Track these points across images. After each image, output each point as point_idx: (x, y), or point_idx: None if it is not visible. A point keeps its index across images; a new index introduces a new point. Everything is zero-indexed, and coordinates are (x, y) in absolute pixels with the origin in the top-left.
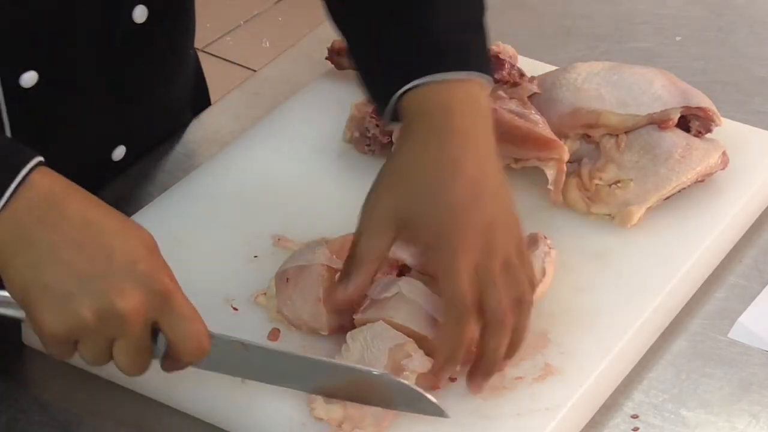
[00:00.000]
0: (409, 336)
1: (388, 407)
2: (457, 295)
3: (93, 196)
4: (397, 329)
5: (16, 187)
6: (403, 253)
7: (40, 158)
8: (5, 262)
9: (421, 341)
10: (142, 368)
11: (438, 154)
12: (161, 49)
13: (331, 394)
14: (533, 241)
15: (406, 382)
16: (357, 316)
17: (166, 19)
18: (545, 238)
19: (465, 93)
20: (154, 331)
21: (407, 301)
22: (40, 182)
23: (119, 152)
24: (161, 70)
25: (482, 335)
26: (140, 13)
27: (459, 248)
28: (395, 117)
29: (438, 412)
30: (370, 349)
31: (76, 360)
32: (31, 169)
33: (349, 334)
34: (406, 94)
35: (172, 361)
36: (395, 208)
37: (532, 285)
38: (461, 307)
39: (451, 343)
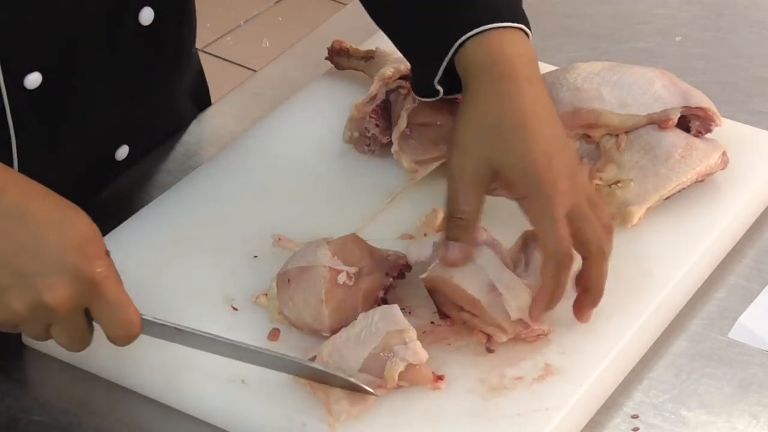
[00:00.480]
0: (461, 299)
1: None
2: (558, 242)
3: (32, 182)
4: (452, 290)
5: None
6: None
7: None
8: None
9: (473, 305)
10: (83, 346)
11: (517, 103)
12: (166, 50)
13: (273, 369)
14: (533, 238)
15: (320, 366)
16: (423, 276)
17: (172, 20)
18: None
19: (519, 42)
20: None
21: (474, 266)
22: None
23: (122, 152)
24: (165, 70)
25: (585, 267)
26: (147, 16)
27: (554, 195)
28: (443, 80)
29: (365, 390)
30: (370, 328)
31: (76, 359)
32: None
33: (362, 313)
34: (460, 51)
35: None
36: (486, 159)
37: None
38: (562, 253)
39: (552, 287)
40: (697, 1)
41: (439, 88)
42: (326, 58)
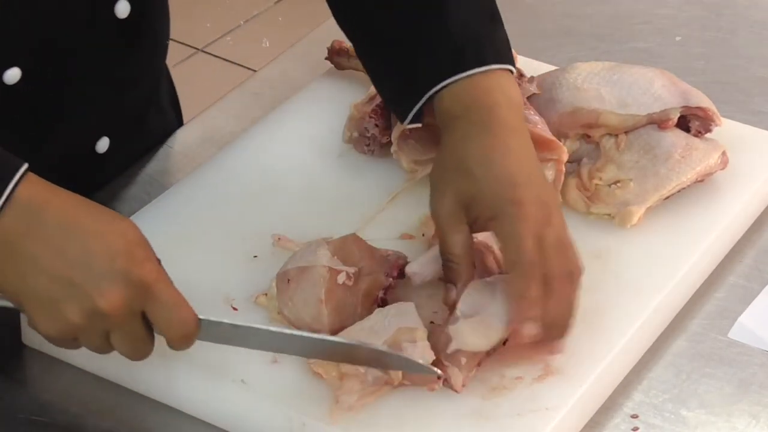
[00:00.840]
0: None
1: (378, 367)
2: (521, 253)
3: (74, 195)
4: None
5: (2, 204)
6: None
7: (25, 166)
8: None
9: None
10: (144, 353)
11: (487, 142)
12: (143, 43)
13: (325, 359)
14: None
15: (378, 346)
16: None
17: (148, 14)
18: None
19: (495, 85)
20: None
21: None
22: (23, 193)
23: (103, 144)
24: (142, 63)
25: (545, 301)
26: (123, 9)
27: (519, 213)
28: (416, 118)
29: (430, 370)
30: (384, 323)
31: (76, 359)
32: (17, 182)
33: (379, 309)
34: (430, 100)
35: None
36: (457, 196)
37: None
38: (526, 263)
39: (522, 305)
40: (697, 1)
41: (416, 125)
42: (326, 58)
